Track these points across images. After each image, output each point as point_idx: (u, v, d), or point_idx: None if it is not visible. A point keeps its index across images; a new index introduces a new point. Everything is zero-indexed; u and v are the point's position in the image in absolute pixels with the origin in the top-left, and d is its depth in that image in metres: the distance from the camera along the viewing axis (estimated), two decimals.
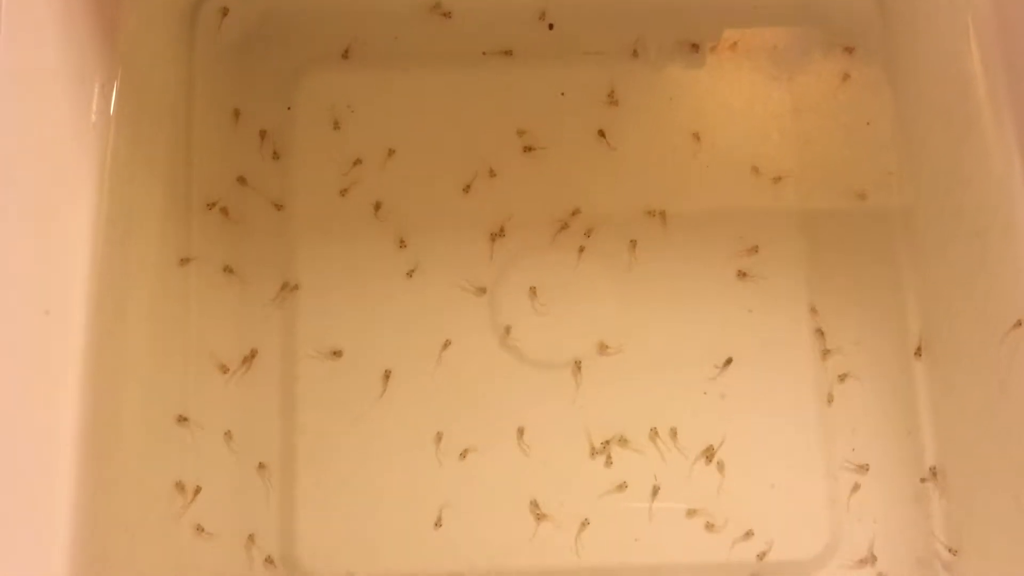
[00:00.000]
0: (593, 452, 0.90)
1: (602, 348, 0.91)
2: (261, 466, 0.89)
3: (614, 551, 0.89)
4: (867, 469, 0.89)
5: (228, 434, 0.89)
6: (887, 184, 0.94)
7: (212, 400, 0.89)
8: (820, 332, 0.91)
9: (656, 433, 0.90)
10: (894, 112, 0.94)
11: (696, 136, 0.95)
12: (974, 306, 0.83)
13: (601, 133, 0.94)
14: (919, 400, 0.90)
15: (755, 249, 0.92)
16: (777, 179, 0.94)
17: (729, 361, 0.91)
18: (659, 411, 0.90)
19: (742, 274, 0.92)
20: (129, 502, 0.77)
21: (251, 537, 0.88)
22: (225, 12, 0.93)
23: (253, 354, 0.90)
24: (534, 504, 0.89)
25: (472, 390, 0.91)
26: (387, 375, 0.90)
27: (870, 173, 0.94)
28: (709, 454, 0.89)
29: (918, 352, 0.91)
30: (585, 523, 0.88)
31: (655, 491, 0.89)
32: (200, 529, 0.86)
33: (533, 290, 0.92)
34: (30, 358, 0.68)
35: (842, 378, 0.91)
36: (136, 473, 0.79)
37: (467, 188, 0.93)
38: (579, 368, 0.91)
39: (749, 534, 0.88)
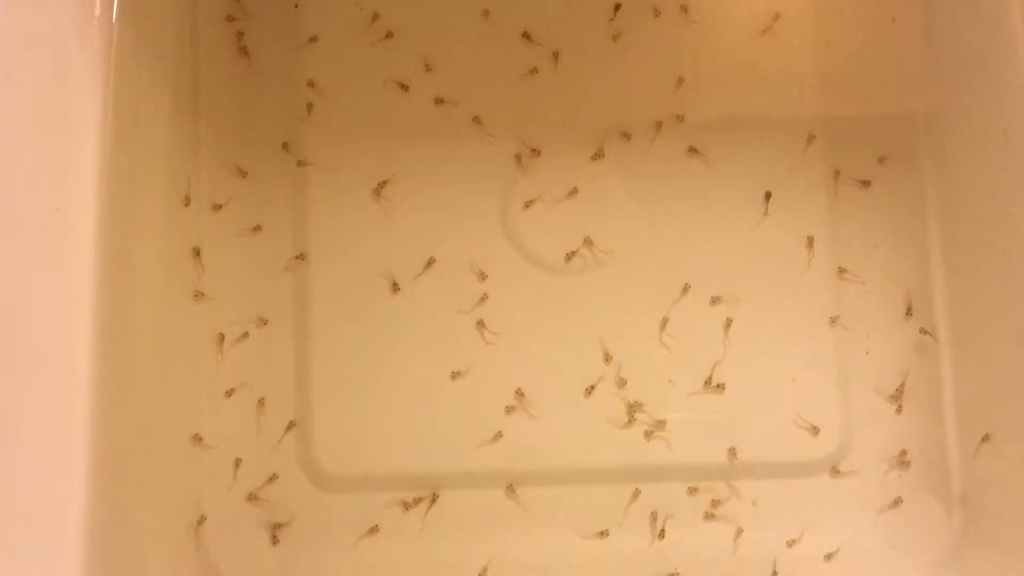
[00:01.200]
0: (607, 358, 0.90)
1: (608, 251, 0.91)
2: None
3: (625, 452, 0.89)
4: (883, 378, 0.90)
5: (245, 335, 0.89)
6: (911, 87, 0.91)
7: (227, 299, 0.89)
8: (837, 236, 0.91)
9: (665, 325, 0.90)
10: (921, 9, 0.91)
11: (715, 41, 0.92)
12: (997, 208, 0.82)
13: (614, 38, 0.92)
14: (936, 303, 0.90)
15: (774, 154, 0.91)
16: (799, 84, 0.92)
17: (740, 270, 0.90)
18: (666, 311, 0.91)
19: (759, 180, 0.91)
20: (145, 407, 0.78)
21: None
22: None
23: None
24: (534, 401, 0.89)
25: (481, 294, 0.91)
26: (395, 286, 0.91)
27: (894, 76, 0.92)
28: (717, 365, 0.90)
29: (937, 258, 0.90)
30: (596, 424, 0.89)
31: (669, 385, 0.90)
32: (203, 438, 0.87)
33: (543, 197, 0.91)
34: (42, 254, 0.68)
35: (858, 282, 0.90)
36: (150, 370, 0.79)
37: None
38: (590, 262, 0.91)
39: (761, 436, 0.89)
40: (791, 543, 0.87)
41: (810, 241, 0.90)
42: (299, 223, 0.91)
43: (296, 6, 0.93)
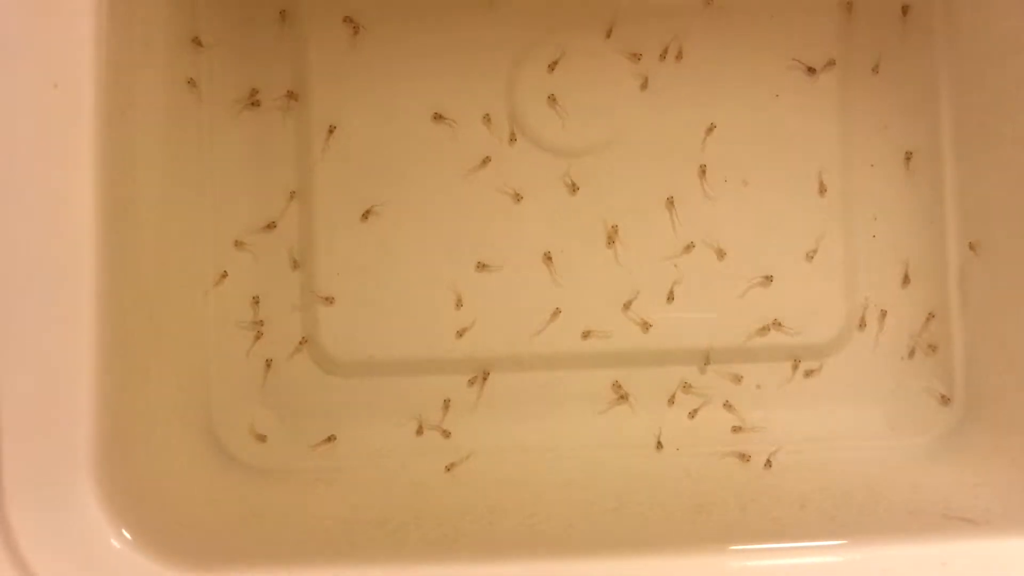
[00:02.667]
0: (609, 241, 0.89)
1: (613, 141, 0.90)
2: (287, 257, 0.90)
3: (631, 335, 0.90)
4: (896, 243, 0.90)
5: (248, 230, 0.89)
6: None
7: (229, 187, 0.88)
8: (847, 116, 0.89)
9: (671, 203, 0.90)
10: None
11: None
12: (1007, 89, 0.80)
13: None
14: (947, 188, 0.89)
15: (783, 36, 0.89)
16: None
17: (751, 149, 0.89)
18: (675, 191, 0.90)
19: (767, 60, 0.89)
20: (151, 287, 0.78)
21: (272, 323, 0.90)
22: None
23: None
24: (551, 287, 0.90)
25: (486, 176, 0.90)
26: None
27: None
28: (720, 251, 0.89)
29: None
30: (600, 313, 0.90)
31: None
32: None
33: (552, 97, 0.90)
34: (41, 131, 0.67)
35: (866, 164, 0.89)
36: (156, 258, 0.79)
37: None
38: (598, 155, 0.90)
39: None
40: (791, 426, 0.89)
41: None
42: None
43: None
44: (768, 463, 0.86)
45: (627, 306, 0.89)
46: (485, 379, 0.89)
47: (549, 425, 0.90)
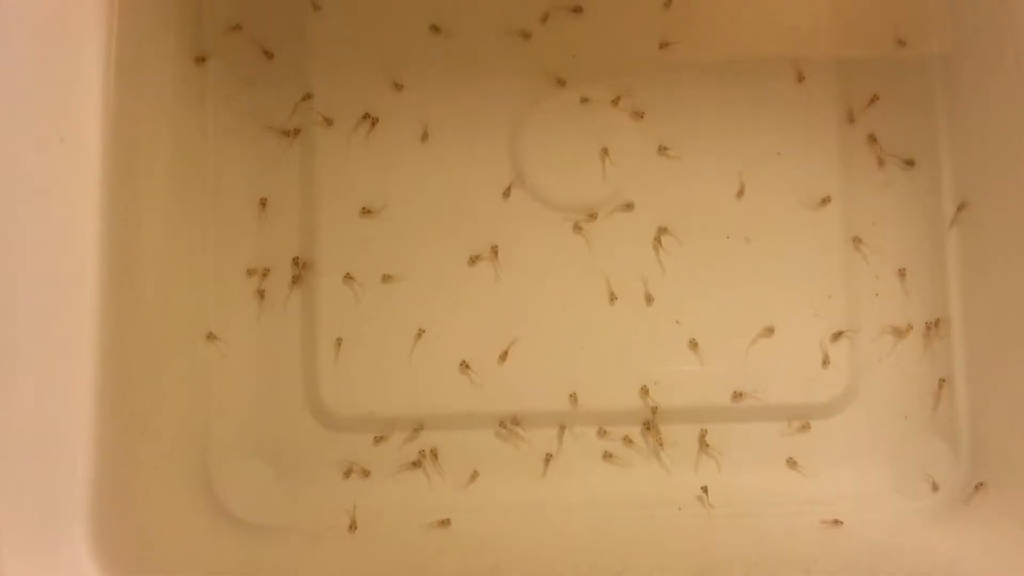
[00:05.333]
0: (611, 298, 0.90)
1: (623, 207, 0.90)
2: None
3: (634, 394, 0.89)
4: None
5: (250, 271, 0.90)
6: (927, 29, 0.90)
7: (233, 238, 0.90)
8: (849, 175, 0.90)
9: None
10: None
11: None
12: (1013, 151, 0.80)
13: None
14: (948, 249, 0.88)
15: (784, 95, 0.90)
16: (811, 21, 0.91)
17: (753, 207, 0.90)
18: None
19: (772, 118, 0.90)
20: (152, 337, 0.79)
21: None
22: None
23: (263, 202, 0.90)
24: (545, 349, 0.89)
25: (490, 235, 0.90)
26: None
27: (909, 18, 0.90)
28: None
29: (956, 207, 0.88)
30: (597, 368, 0.89)
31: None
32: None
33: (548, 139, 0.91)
34: (47, 186, 0.68)
35: (870, 223, 0.90)
36: (158, 307, 0.80)
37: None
38: (594, 218, 0.90)
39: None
40: (798, 482, 0.87)
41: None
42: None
43: None
44: (772, 525, 0.84)
45: (628, 364, 0.89)
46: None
47: (551, 484, 0.88)
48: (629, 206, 0.90)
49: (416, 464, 0.88)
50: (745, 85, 0.91)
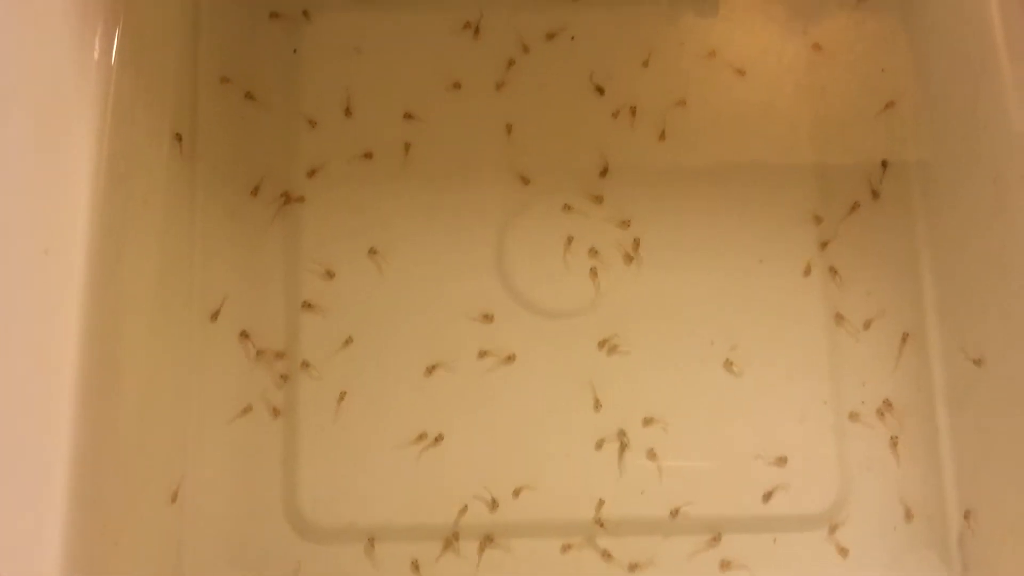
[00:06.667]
0: (596, 405, 0.89)
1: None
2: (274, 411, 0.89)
3: (619, 504, 0.88)
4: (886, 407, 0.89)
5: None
6: (902, 136, 0.92)
7: (214, 348, 0.89)
8: (831, 283, 0.91)
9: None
10: (910, 60, 0.93)
11: (707, 86, 0.93)
12: (990, 255, 0.81)
13: (599, 90, 0.93)
14: (932, 353, 0.89)
15: (767, 202, 0.92)
16: (792, 130, 0.93)
17: (738, 315, 0.90)
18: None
19: (752, 225, 0.91)
20: (128, 450, 0.77)
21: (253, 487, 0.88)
22: None
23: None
24: (536, 453, 0.88)
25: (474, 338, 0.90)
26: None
27: (885, 125, 0.92)
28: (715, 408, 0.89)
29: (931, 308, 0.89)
30: (585, 474, 0.88)
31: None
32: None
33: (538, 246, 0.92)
34: (28, 297, 0.67)
35: (859, 326, 0.90)
36: (135, 423, 0.78)
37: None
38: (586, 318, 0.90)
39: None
40: None
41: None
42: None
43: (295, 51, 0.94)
44: None
45: (619, 470, 0.88)
46: (483, 547, 0.87)
47: None
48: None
49: None
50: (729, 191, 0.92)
